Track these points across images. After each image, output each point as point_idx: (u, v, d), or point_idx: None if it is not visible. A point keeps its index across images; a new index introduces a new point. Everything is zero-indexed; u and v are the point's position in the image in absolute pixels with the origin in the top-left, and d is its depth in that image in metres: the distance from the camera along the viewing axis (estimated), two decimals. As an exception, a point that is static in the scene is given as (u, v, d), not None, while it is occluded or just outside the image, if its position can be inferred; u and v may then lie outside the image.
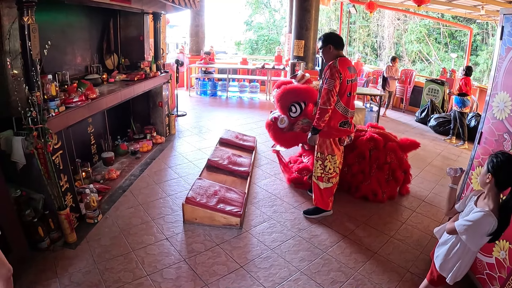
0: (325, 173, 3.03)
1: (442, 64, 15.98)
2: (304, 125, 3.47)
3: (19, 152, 2.27)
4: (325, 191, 3.08)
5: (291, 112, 3.48)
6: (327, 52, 2.86)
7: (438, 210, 3.46)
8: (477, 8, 7.57)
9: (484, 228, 1.58)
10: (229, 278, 2.34)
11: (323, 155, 2.99)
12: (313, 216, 3.15)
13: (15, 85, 2.23)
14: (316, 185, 3.11)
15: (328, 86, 2.72)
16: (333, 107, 2.79)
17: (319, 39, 2.95)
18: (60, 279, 2.20)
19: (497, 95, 2.29)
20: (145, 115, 5.01)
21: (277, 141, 3.74)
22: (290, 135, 3.54)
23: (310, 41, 7.76)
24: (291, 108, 3.47)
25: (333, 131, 2.91)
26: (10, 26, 2.18)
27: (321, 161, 3.02)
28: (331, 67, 2.75)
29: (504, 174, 1.58)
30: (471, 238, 1.63)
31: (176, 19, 16.01)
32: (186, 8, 4.53)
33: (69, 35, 3.52)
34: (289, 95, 3.46)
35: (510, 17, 2.21)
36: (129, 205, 3.19)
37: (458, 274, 1.77)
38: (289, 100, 3.46)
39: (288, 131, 3.55)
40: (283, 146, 3.80)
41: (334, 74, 2.71)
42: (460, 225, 1.65)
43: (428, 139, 6.06)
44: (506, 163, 1.58)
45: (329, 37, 2.88)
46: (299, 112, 3.45)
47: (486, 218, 1.57)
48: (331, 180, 3.06)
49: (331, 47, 2.84)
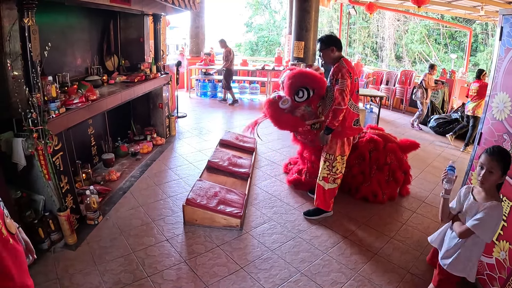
0: (332, 173, 3.03)
1: (442, 65, 15.99)
2: (305, 113, 3.39)
3: (19, 154, 2.27)
4: (329, 192, 3.08)
5: (297, 96, 3.36)
6: (329, 54, 2.87)
7: (438, 210, 3.44)
8: (476, 9, 7.58)
9: (497, 219, 1.66)
10: (229, 279, 2.33)
11: (333, 156, 2.99)
12: (314, 218, 3.15)
13: (15, 86, 2.23)
14: (320, 186, 3.10)
15: (341, 86, 2.74)
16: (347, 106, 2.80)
17: (318, 40, 2.94)
18: (60, 280, 2.20)
19: (496, 95, 2.29)
20: (145, 117, 5.02)
21: (273, 119, 3.54)
22: (288, 117, 3.41)
23: (310, 42, 7.76)
24: (298, 92, 3.35)
25: (347, 130, 2.93)
26: (10, 28, 2.19)
27: (329, 162, 3.01)
28: (340, 68, 2.77)
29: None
30: (486, 232, 1.67)
31: (176, 21, 16.07)
32: (186, 9, 4.54)
33: (69, 36, 3.52)
34: (303, 77, 3.35)
35: (509, 18, 2.21)
36: (129, 206, 3.19)
37: (475, 270, 1.81)
38: (301, 82, 3.34)
39: (288, 113, 3.42)
40: (277, 125, 3.57)
41: (345, 74, 2.74)
42: (473, 224, 1.67)
43: (428, 140, 6.06)
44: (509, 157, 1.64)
45: (331, 39, 2.89)
46: (305, 97, 3.34)
47: (497, 209, 1.65)
48: (336, 181, 3.07)
49: (333, 49, 2.85)
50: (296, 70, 3.49)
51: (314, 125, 3.38)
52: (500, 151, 1.66)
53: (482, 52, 15.55)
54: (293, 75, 3.37)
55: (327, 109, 2.99)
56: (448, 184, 1.77)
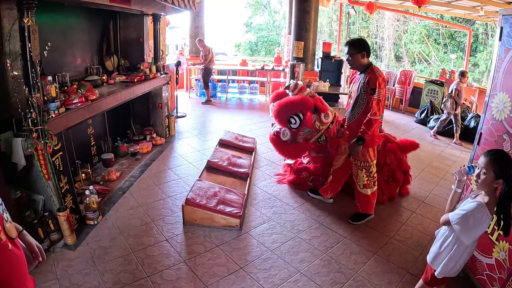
0: (371, 178, 3.06)
1: (442, 65, 16.01)
2: (306, 135, 3.50)
3: (19, 153, 2.27)
4: (372, 195, 3.12)
5: (291, 124, 3.48)
6: (359, 59, 2.81)
7: (438, 211, 3.46)
8: (476, 9, 7.58)
9: (477, 219, 1.62)
10: (229, 279, 2.33)
11: (367, 163, 3.00)
12: (360, 222, 3.15)
13: (15, 86, 2.23)
14: (362, 194, 3.10)
15: (378, 96, 2.72)
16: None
17: (348, 44, 2.85)
18: (59, 281, 2.20)
19: (496, 96, 2.29)
20: (145, 117, 5.01)
21: (283, 154, 3.76)
22: (294, 146, 3.55)
23: (310, 42, 7.77)
24: (290, 121, 3.47)
25: (375, 138, 2.94)
26: (10, 28, 2.19)
27: (365, 169, 3.03)
28: (376, 77, 2.73)
29: (509, 172, 1.62)
30: (463, 228, 1.66)
31: (176, 21, 16.03)
32: (186, 9, 4.54)
33: (69, 36, 3.52)
34: (285, 110, 3.45)
35: (509, 18, 2.21)
36: (128, 206, 3.19)
37: (448, 269, 1.79)
38: (287, 114, 3.46)
39: (292, 142, 3.55)
40: (289, 158, 3.82)
41: (382, 83, 2.72)
42: (453, 214, 1.70)
43: (428, 140, 6.06)
44: (509, 162, 1.62)
45: (362, 44, 2.81)
46: (298, 123, 3.45)
47: (479, 209, 1.62)
48: (375, 183, 3.11)
49: (364, 54, 2.80)
50: (276, 107, 3.51)
51: (320, 138, 3.51)
52: (496, 153, 1.64)
53: (481, 52, 15.56)
54: (276, 113, 3.49)
55: (354, 117, 2.95)
56: (458, 176, 1.80)
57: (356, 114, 2.93)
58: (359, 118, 2.89)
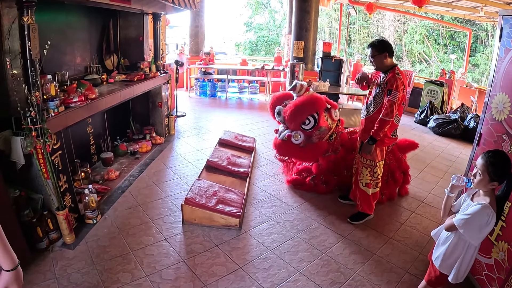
0: (374, 179, 3.06)
1: (442, 65, 16.01)
2: (322, 134, 3.43)
3: (18, 152, 2.27)
4: (373, 196, 3.12)
5: (304, 125, 3.39)
6: (382, 61, 2.81)
7: (437, 211, 3.46)
8: (476, 9, 7.58)
9: (482, 220, 1.62)
10: (228, 279, 2.33)
11: (374, 162, 3.00)
12: (359, 222, 3.15)
13: (14, 85, 2.23)
14: (364, 192, 3.11)
15: (393, 98, 2.71)
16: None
17: (371, 45, 2.85)
18: (58, 280, 2.20)
19: (496, 96, 2.29)
20: (145, 116, 5.01)
21: (300, 158, 3.69)
22: (311, 147, 3.45)
23: (310, 42, 7.76)
24: (304, 122, 3.39)
25: (386, 139, 2.95)
26: (9, 26, 2.18)
27: (370, 168, 3.03)
28: (396, 78, 2.72)
29: (505, 175, 1.61)
30: (470, 231, 1.66)
31: (176, 20, 16.00)
32: (186, 8, 4.53)
33: (68, 35, 3.52)
34: (301, 112, 3.36)
35: (509, 19, 2.21)
36: (128, 205, 3.19)
37: (460, 273, 1.78)
38: (303, 116, 3.37)
39: (305, 145, 3.46)
40: (308, 161, 3.72)
41: (399, 86, 2.71)
42: (458, 219, 1.69)
43: (427, 140, 6.06)
44: (505, 164, 1.59)
45: (384, 45, 2.81)
46: (313, 123, 3.37)
47: (484, 210, 1.61)
48: (378, 185, 3.11)
49: (386, 55, 2.80)
50: (289, 110, 3.41)
51: (331, 137, 3.49)
52: (493, 156, 1.63)
53: (481, 53, 15.57)
54: (291, 117, 3.38)
55: (369, 113, 2.97)
56: (457, 183, 1.79)
57: (371, 112, 2.95)
58: (373, 115, 2.91)
